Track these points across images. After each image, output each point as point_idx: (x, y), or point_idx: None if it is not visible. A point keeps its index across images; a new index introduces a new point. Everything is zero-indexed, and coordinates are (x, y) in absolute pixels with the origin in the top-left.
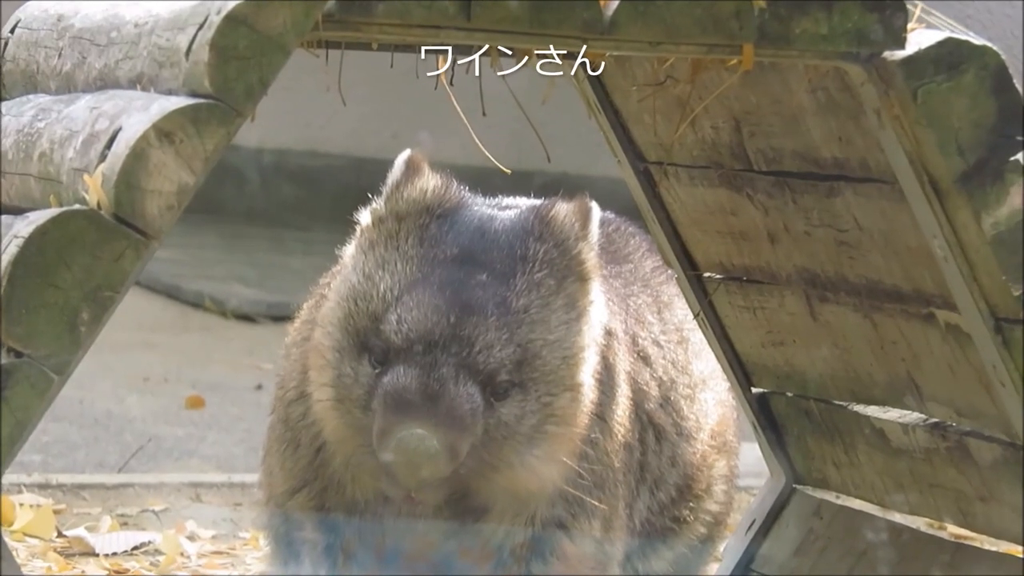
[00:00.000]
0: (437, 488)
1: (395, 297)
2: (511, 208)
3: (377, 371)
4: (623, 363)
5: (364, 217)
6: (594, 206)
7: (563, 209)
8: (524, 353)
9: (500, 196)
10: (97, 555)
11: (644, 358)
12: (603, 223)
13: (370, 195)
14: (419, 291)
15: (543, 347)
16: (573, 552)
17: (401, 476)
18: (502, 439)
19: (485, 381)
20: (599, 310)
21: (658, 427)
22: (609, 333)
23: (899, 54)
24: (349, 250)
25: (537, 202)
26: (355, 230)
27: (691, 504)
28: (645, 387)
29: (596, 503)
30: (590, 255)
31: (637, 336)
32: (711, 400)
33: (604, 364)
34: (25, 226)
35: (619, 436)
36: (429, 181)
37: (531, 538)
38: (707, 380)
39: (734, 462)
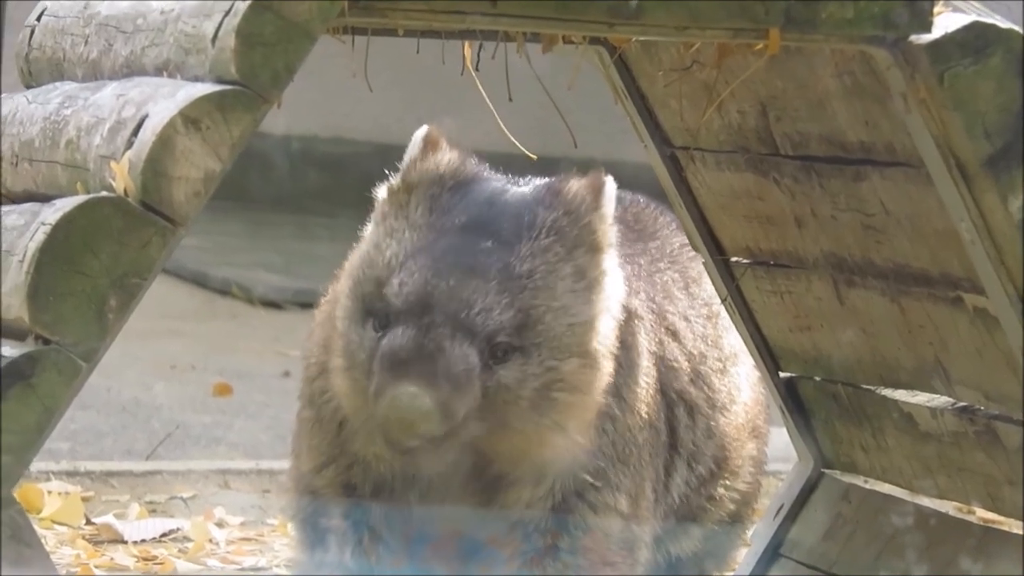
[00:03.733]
0: (436, 451)
1: (399, 263)
2: (529, 184)
3: (379, 335)
4: (644, 342)
5: (381, 192)
6: (608, 180)
7: (576, 182)
8: (526, 317)
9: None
10: (126, 542)
11: (673, 333)
12: (630, 203)
13: (374, 190)
14: (422, 256)
15: (546, 312)
16: (599, 531)
17: (395, 434)
18: (503, 403)
19: (483, 343)
20: (616, 283)
21: (689, 402)
22: (629, 313)
23: (925, 38)
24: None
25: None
26: (374, 206)
27: (726, 482)
28: (674, 364)
29: (621, 477)
30: (602, 226)
31: (665, 312)
32: (743, 374)
33: (621, 343)
34: (52, 213)
35: (642, 414)
36: (444, 154)
37: (556, 514)
38: (738, 354)
39: (764, 447)
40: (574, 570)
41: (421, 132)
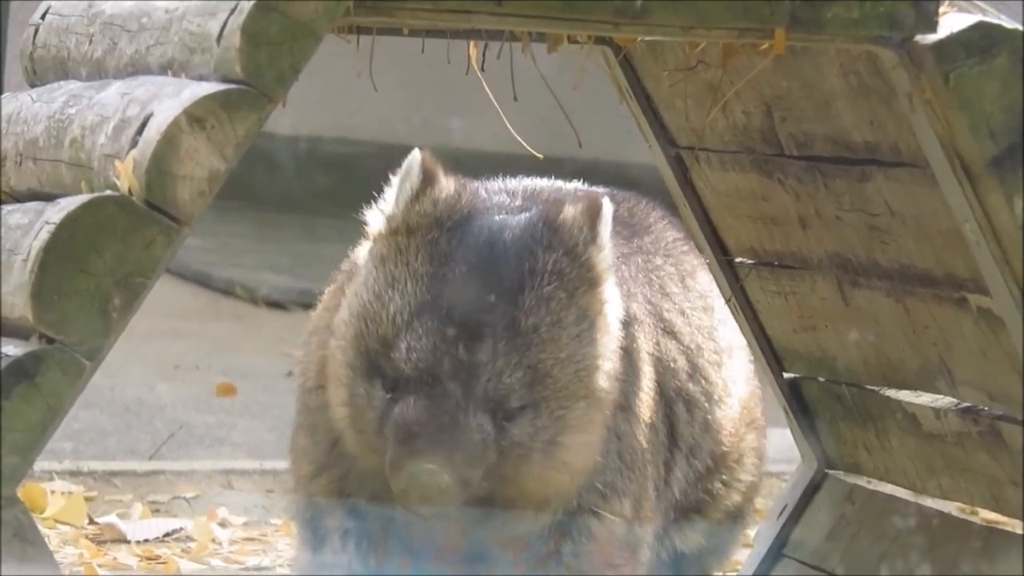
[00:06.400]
0: (449, 509)
1: (404, 322)
2: (524, 202)
3: (389, 396)
4: (645, 346)
5: (375, 221)
6: (605, 203)
7: (571, 213)
8: (535, 374)
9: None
10: (128, 542)
11: (670, 332)
12: (623, 199)
13: (379, 190)
14: (428, 317)
15: (554, 365)
16: (603, 533)
17: (413, 507)
18: (516, 457)
19: (495, 408)
20: (615, 308)
21: (687, 397)
22: (629, 320)
23: (931, 38)
24: (362, 255)
25: (553, 189)
26: (366, 233)
27: (724, 476)
28: (672, 363)
29: (626, 483)
30: (599, 256)
31: (662, 310)
32: (738, 367)
33: (625, 353)
34: (56, 212)
35: (645, 418)
36: (441, 191)
37: (560, 522)
38: (733, 348)
39: (763, 439)
40: (578, 572)
41: (415, 160)
